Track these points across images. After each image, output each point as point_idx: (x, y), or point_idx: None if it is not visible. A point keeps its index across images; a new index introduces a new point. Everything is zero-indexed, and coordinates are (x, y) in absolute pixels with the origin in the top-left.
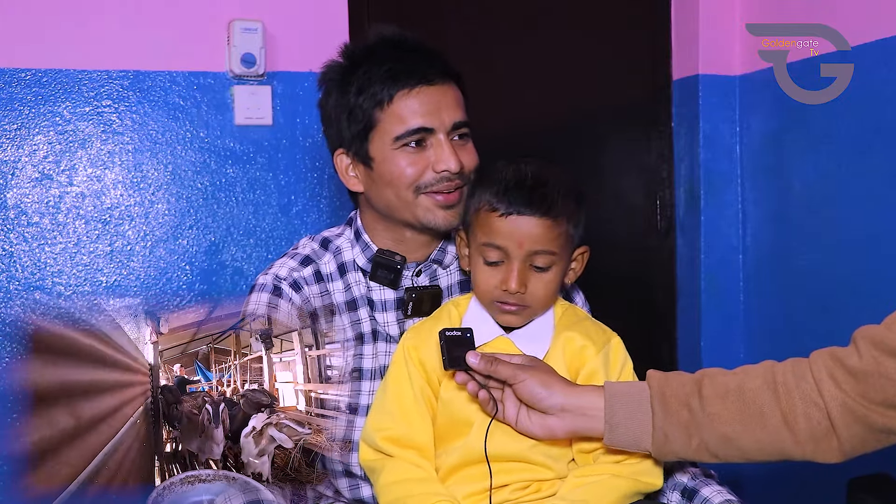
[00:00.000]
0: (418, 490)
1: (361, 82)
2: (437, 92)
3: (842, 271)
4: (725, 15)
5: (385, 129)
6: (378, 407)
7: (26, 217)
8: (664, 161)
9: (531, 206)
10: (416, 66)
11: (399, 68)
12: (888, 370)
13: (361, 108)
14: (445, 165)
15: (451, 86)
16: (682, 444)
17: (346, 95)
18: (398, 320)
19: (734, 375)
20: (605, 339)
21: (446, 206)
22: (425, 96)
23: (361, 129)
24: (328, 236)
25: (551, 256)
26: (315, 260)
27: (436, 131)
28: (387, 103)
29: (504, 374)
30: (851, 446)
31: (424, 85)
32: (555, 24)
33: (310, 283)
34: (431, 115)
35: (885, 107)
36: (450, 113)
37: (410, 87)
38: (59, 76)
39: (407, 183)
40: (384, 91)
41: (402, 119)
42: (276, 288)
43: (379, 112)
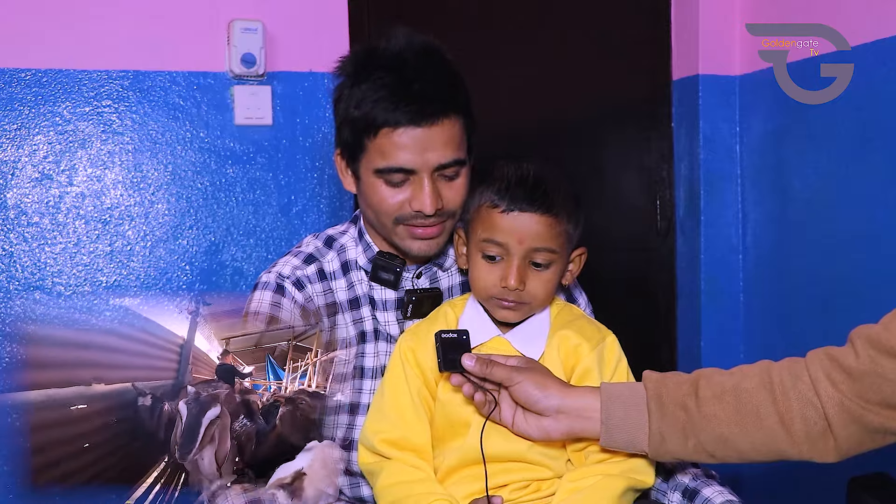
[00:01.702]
0: (417, 490)
1: (359, 99)
2: (426, 133)
3: (841, 271)
4: (725, 15)
5: (370, 157)
6: (375, 409)
7: (26, 217)
8: (664, 161)
9: (533, 203)
10: (409, 105)
11: (390, 104)
12: (885, 370)
13: (355, 126)
14: (420, 206)
15: (445, 123)
16: (678, 445)
17: (348, 102)
18: (398, 320)
19: (730, 376)
20: (600, 337)
21: (423, 238)
22: (411, 137)
23: (353, 145)
24: (332, 234)
25: (551, 254)
26: (318, 258)
27: (418, 172)
28: (373, 134)
29: (499, 376)
30: (848, 446)
31: (412, 126)
32: (555, 24)
33: (313, 281)
34: (415, 156)
35: (885, 107)
36: (436, 154)
37: (396, 126)
38: (59, 76)
39: (386, 213)
40: (373, 121)
41: (383, 154)
42: (279, 286)
43: (366, 139)
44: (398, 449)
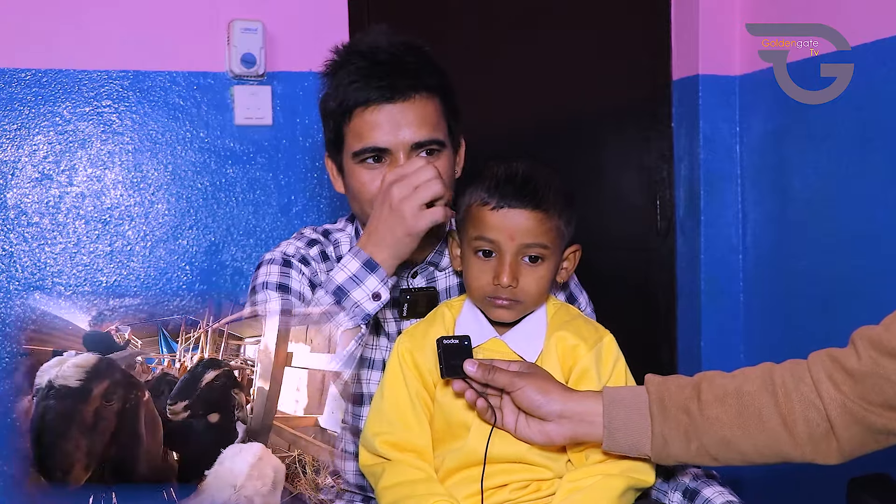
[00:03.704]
0: (418, 491)
1: (335, 91)
2: (399, 109)
3: (842, 271)
4: (725, 15)
5: (348, 144)
6: (375, 411)
7: (26, 217)
8: (664, 161)
9: (522, 199)
10: (379, 82)
11: (362, 84)
12: (887, 371)
13: (333, 119)
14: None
15: (420, 101)
16: (681, 449)
17: (326, 101)
18: (395, 318)
19: (732, 378)
20: (598, 337)
21: None
22: (384, 114)
23: (335, 139)
24: (329, 228)
25: (543, 250)
26: (320, 242)
27: (392, 151)
28: (348, 118)
29: (501, 381)
30: (851, 448)
31: (385, 102)
32: (555, 23)
33: (317, 260)
34: (388, 133)
35: (885, 107)
36: (412, 131)
37: (368, 104)
38: (59, 76)
39: (367, 199)
40: (346, 105)
41: (359, 136)
42: (285, 261)
43: (344, 125)
44: (399, 450)
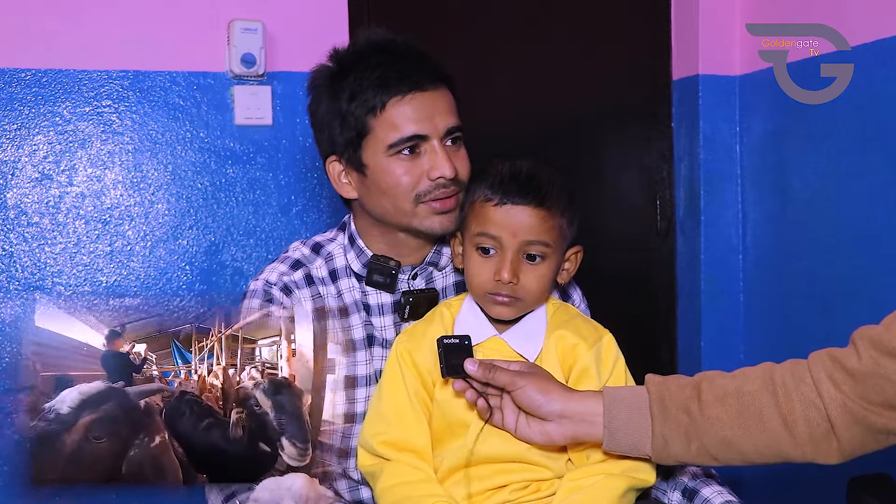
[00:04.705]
0: (417, 491)
1: (353, 88)
2: (430, 97)
3: (842, 271)
4: (725, 15)
5: (378, 137)
6: (374, 412)
7: (26, 217)
8: (664, 161)
9: (526, 196)
10: (407, 72)
11: (390, 74)
12: (887, 371)
13: (354, 115)
14: (440, 172)
15: (443, 90)
16: (681, 449)
17: (337, 102)
18: (395, 324)
19: (733, 378)
20: (597, 336)
21: (443, 212)
22: (418, 102)
23: (354, 136)
24: (320, 241)
25: (544, 247)
26: (306, 263)
27: (430, 138)
28: (379, 110)
29: (502, 381)
30: (851, 447)
31: (417, 91)
32: (555, 24)
33: (301, 286)
34: (425, 121)
35: (885, 107)
36: (443, 118)
37: (403, 94)
38: (59, 76)
39: (404, 192)
40: (377, 98)
41: (395, 126)
42: (266, 293)
43: (372, 119)
44: (398, 450)
